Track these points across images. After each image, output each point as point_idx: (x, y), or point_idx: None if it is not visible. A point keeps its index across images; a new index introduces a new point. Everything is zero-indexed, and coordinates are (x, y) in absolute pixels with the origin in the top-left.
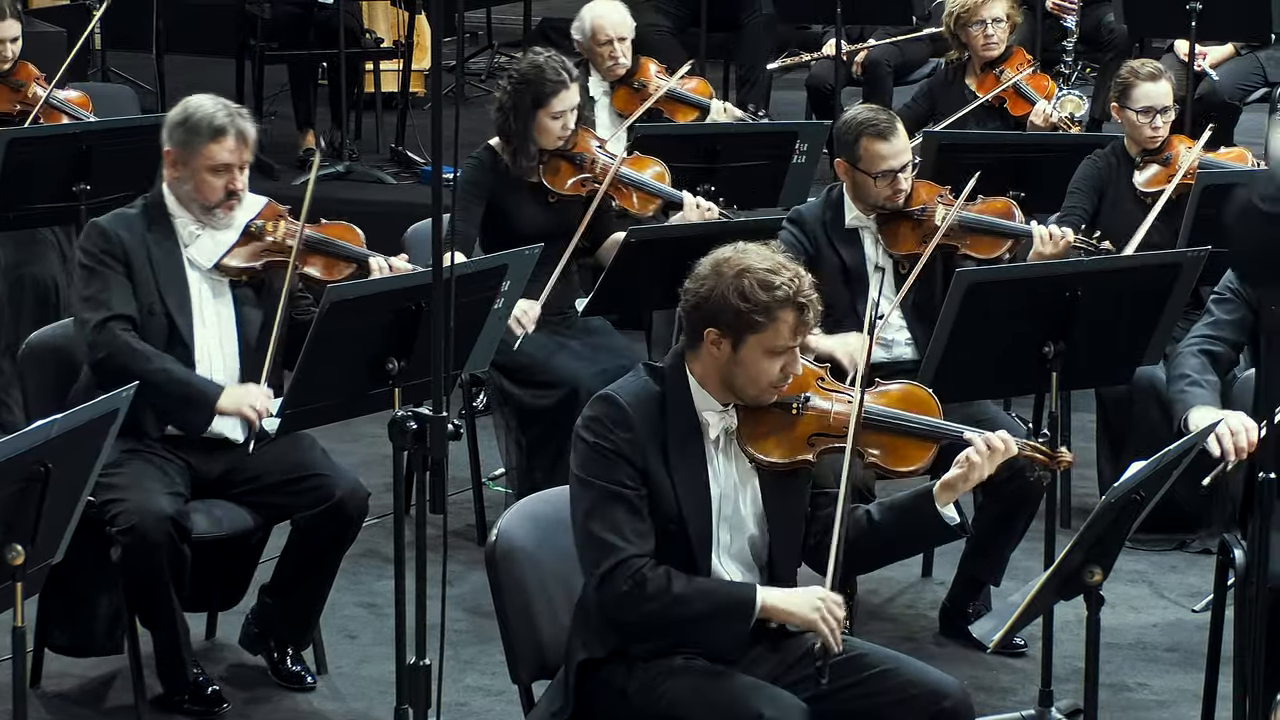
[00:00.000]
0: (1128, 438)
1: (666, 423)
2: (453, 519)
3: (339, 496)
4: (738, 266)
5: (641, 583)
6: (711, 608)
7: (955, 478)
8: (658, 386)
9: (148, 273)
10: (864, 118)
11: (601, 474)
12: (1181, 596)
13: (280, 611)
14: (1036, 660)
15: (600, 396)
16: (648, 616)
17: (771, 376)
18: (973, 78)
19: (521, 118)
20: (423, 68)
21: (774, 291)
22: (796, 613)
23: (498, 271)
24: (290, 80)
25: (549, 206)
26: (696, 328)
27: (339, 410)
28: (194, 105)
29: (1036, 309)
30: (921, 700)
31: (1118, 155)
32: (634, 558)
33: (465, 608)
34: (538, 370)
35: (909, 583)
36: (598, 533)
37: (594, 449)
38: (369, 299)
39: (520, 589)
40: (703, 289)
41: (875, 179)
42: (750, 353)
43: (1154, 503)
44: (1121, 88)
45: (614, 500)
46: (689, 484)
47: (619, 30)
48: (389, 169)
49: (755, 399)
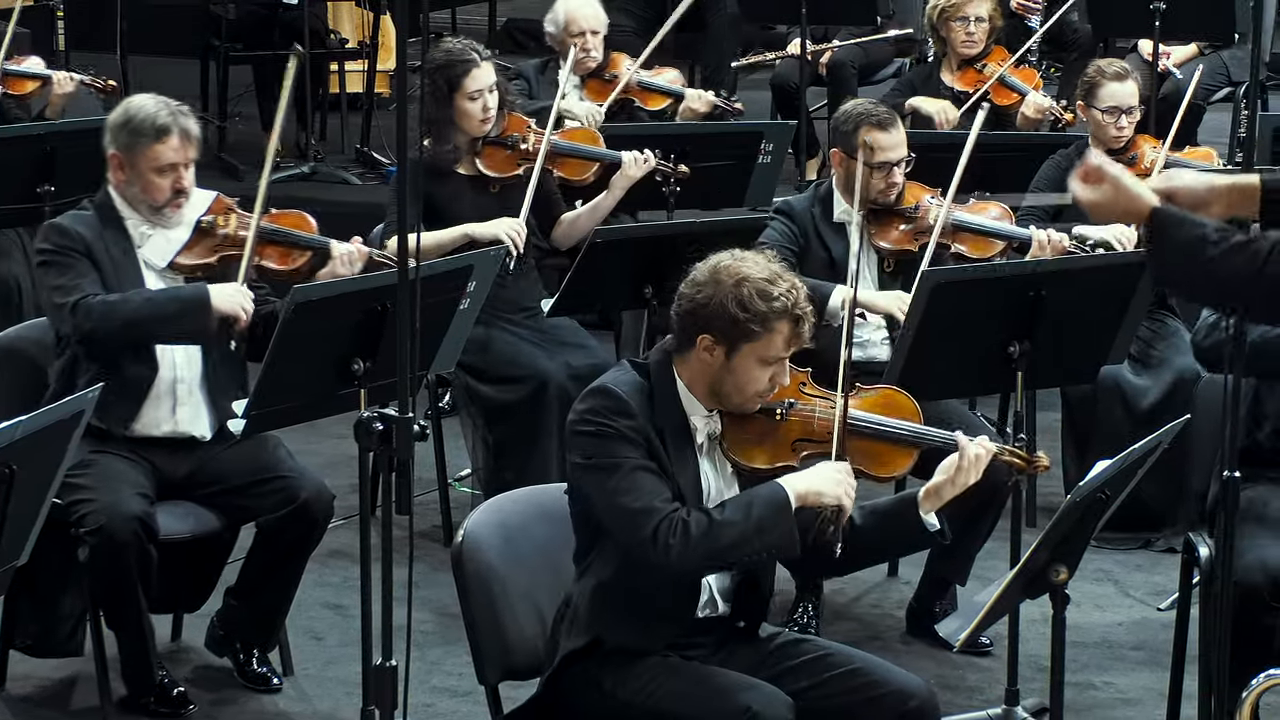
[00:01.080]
0: (1092, 437)
1: (656, 418)
2: (419, 520)
3: (304, 499)
4: (737, 275)
5: (685, 528)
6: (754, 519)
7: (941, 484)
8: (646, 381)
9: (108, 271)
10: (864, 109)
11: (616, 453)
12: (1147, 595)
13: (245, 614)
14: (1002, 659)
15: (593, 389)
16: (703, 557)
17: (759, 386)
18: (949, 73)
19: (440, 105)
20: (388, 68)
21: (772, 302)
22: (825, 492)
23: (463, 272)
24: (255, 81)
25: (491, 195)
26: (690, 333)
27: (305, 411)
28: (135, 106)
29: (1002, 309)
30: (887, 700)
31: (1082, 154)
32: (670, 514)
33: (432, 609)
34: (505, 365)
35: (875, 582)
36: (630, 505)
37: (600, 436)
38: (334, 300)
39: (487, 590)
40: (700, 295)
41: (871, 171)
42: (743, 361)
43: (1119, 501)
44: (1088, 87)
45: (636, 472)
46: (687, 482)
47: (592, 23)
48: (354, 169)
49: (740, 406)
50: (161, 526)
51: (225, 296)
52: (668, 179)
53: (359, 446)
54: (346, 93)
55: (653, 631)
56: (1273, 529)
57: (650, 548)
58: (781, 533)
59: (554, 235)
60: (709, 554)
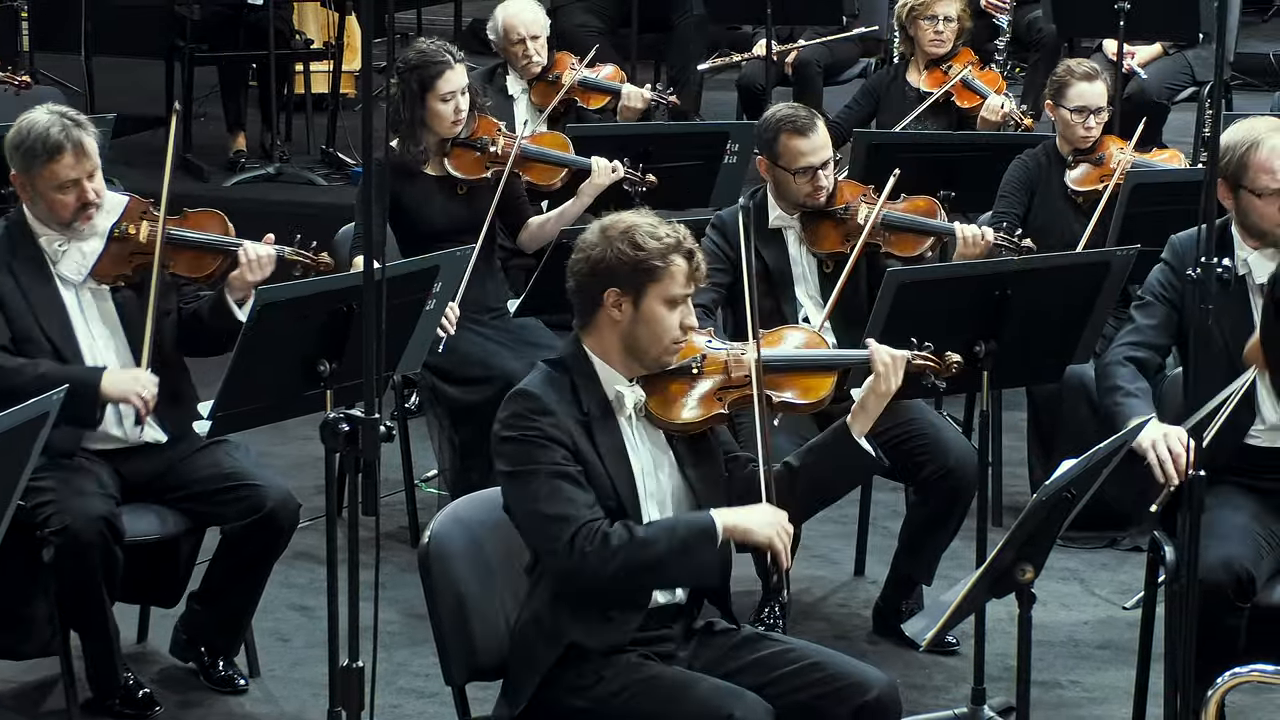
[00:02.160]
0: (1058, 436)
1: (582, 405)
2: (385, 521)
3: (269, 508)
4: (622, 225)
5: (604, 538)
6: (676, 542)
7: (865, 398)
8: (563, 374)
9: (18, 300)
10: (783, 114)
11: (536, 460)
12: (1113, 594)
13: (209, 619)
14: (969, 658)
15: (511, 395)
16: (619, 569)
17: (673, 331)
18: (915, 74)
19: (410, 105)
20: (353, 69)
21: (663, 239)
22: (755, 530)
23: (429, 273)
24: (220, 82)
25: (459, 197)
26: (594, 294)
27: (270, 413)
28: (27, 125)
29: (967, 308)
30: (846, 692)
31: (1048, 155)
32: (590, 521)
33: (398, 610)
34: (471, 366)
35: (842, 581)
36: (549, 511)
37: (521, 441)
38: (299, 301)
39: (453, 591)
40: (594, 253)
41: (795, 175)
42: (651, 306)
43: (1085, 501)
44: (1057, 86)
45: (556, 478)
46: (615, 461)
47: (531, 29)
48: (319, 170)
49: (658, 359)
50: (127, 528)
51: (119, 384)
52: (635, 187)
53: (325, 448)
54: (312, 93)
55: (616, 624)
56: (1237, 528)
57: (566, 555)
58: (703, 561)
59: (520, 239)
60: (626, 568)
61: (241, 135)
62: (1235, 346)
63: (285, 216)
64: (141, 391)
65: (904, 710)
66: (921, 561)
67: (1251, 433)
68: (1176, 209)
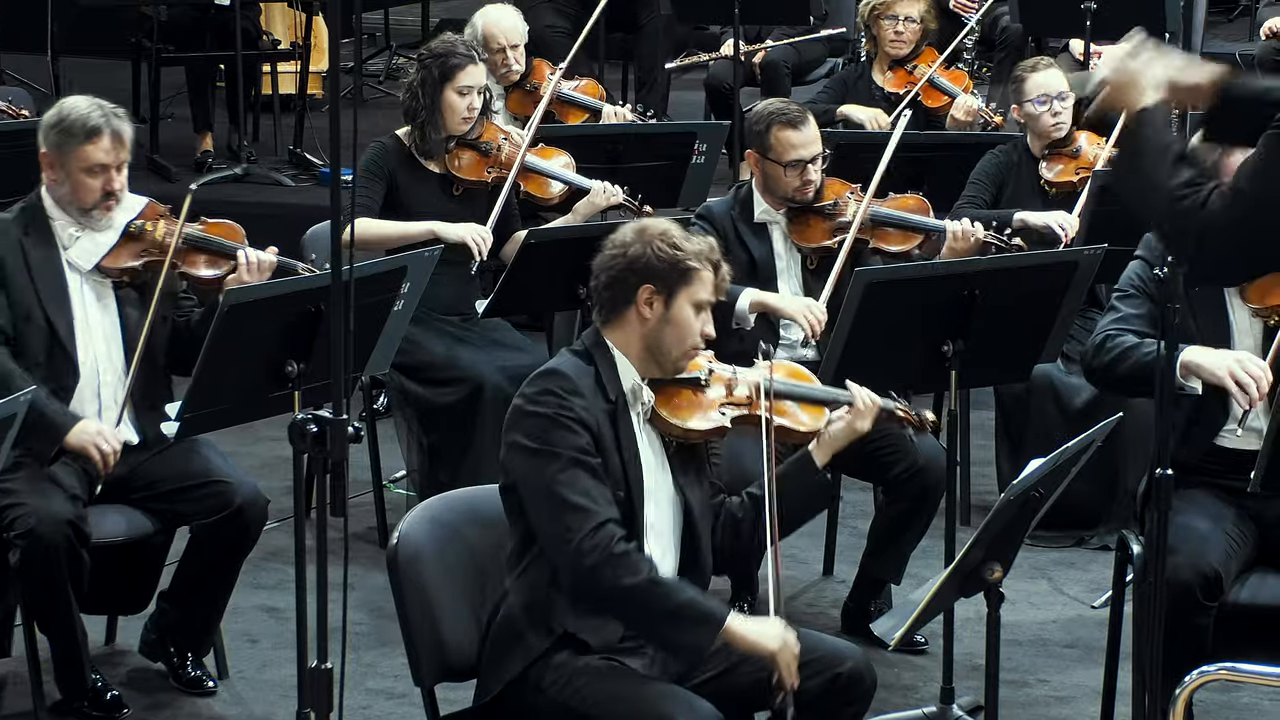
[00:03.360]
0: (1026, 436)
1: (608, 394)
2: (354, 522)
3: (238, 504)
4: (658, 229)
5: (626, 552)
6: (687, 608)
7: (837, 431)
8: (588, 364)
9: (24, 278)
10: (775, 108)
11: (561, 441)
12: (1081, 592)
13: (179, 618)
14: (937, 657)
15: (543, 372)
16: (627, 590)
17: (695, 336)
18: (880, 73)
19: (429, 92)
20: (320, 69)
21: (699, 244)
22: (760, 644)
23: (397, 273)
24: (187, 82)
25: (453, 198)
26: (628, 290)
27: (239, 414)
28: (68, 107)
29: (935, 307)
30: (820, 664)
31: (1020, 152)
32: (612, 522)
33: (367, 611)
34: (440, 367)
35: (810, 581)
36: (571, 498)
37: (549, 419)
38: (267, 301)
39: (422, 591)
40: (631, 250)
41: (785, 169)
42: (680, 308)
43: (1053, 500)
44: (1016, 85)
45: (579, 467)
46: (629, 454)
47: (510, 37)
48: (287, 171)
49: (676, 362)
50: (94, 530)
51: (82, 437)
52: (628, 214)
53: (293, 449)
54: (279, 94)
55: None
56: (1205, 528)
57: (580, 547)
58: (694, 640)
59: (504, 250)
60: (628, 597)
61: (208, 136)
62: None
63: (252, 218)
64: (103, 446)
65: (872, 710)
66: (890, 561)
67: (1222, 434)
68: None
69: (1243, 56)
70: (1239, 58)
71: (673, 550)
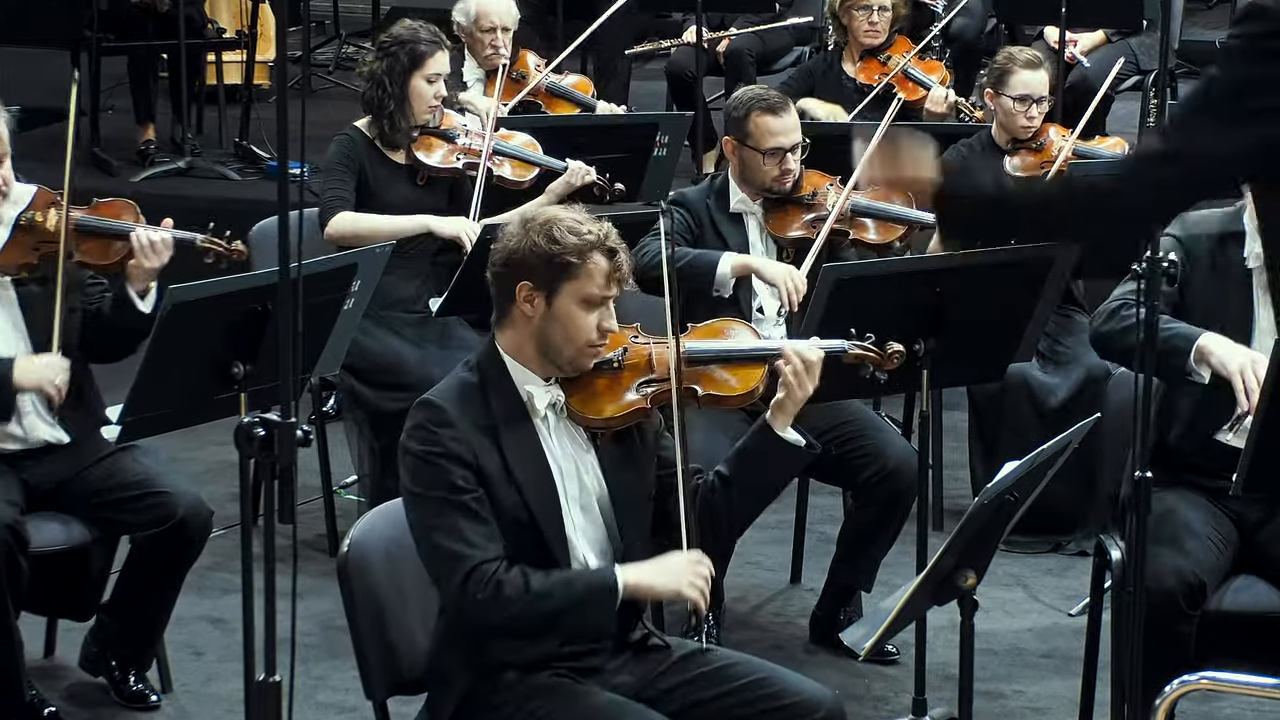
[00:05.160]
0: (1000, 437)
1: (490, 410)
2: (303, 529)
3: (180, 515)
4: (545, 217)
5: (498, 586)
6: (573, 597)
7: (784, 400)
8: (474, 378)
9: None
10: (755, 93)
11: (433, 482)
12: (1057, 600)
13: (120, 631)
14: (909, 668)
15: (417, 404)
16: (511, 619)
17: (588, 333)
18: (851, 64)
19: (397, 81)
20: (267, 59)
21: (584, 235)
22: (659, 586)
23: (348, 270)
24: (129, 73)
25: (418, 188)
26: (508, 287)
27: (183, 417)
28: None
29: (906, 305)
30: (793, 711)
31: (984, 145)
32: (485, 563)
33: (317, 621)
34: (391, 371)
35: (777, 589)
36: (443, 544)
37: (421, 458)
38: (212, 300)
39: (374, 601)
40: (511, 243)
41: (764, 156)
42: (565, 304)
43: (1028, 504)
44: (998, 73)
45: (451, 509)
46: (528, 468)
47: (504, 20)
48: (232, 164)
49: (573, 361)
50: (34, 538)
51: (30, 373)
52: (604, 193)
53: (239, 453)
54: (224, 84)
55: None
56: (1188, 533)
57: (458, 594)
58: (596, 616)
59: None
60: (518, 619)
61: (151, 128)
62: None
63: (197, 212)
64: (55, 379)
65: None
66: (860, 568)
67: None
68: None
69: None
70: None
71: (609, 548)
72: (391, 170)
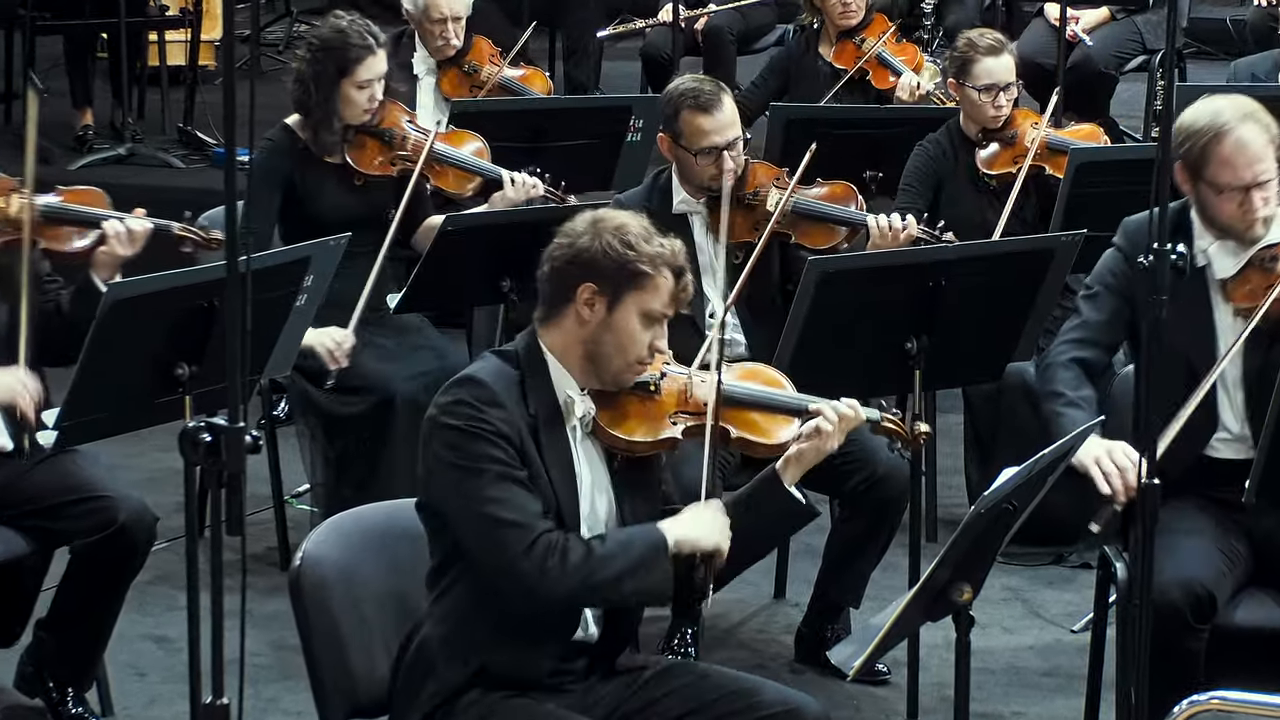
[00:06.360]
0: (998, 442)
1: (529, 406)
2: (252, 541)
3: (122, 521)
4: (616, 222)
5: (565, 553)
6: (634, 559)
7: (804, 449)
8: (514, 370)
9: None
10: (685, 88)
11: (482, 455)
12: (1059, 615)
13: (58, 649)
14: (901, 688)
15: (459, 379)
16: (578, 586)
17: (640, 349)
18: (827, 47)
19: (324, 88)
20: (214, 38)
21: (657, 248)
22: (703, 540)
23: (300, 264)
24: (65, 53)
25: (355, 190)
26: (569, 285)
27: (124, 421)
28: None
29: (897, 301)
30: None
31: (953, 138)
32: (546, 533)
33: (267, 640)
34: (346, 373)
35: (760, 605)
36: (503, 515)
37: (467, 433)
38: (153, 296)
39: (329, 618)
40: (580, 241)
41: (697, 156)
42: (625, 315)
43: (1027, 513)
44: (960, 63)
45: (506, 481)
46: (560, 472)
47: (454, 8)
48: (176, 151)
49: (617, 377)
50: None
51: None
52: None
53: (184, 460)
54: (167, 66)
55: (536, 655)
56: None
57: (525, 566)
58: (658, 577)
59: (416, 239)
60: (584, 585)
61: (89, 112)
62: (1192, 344)
63: (139, 202)
64: (25, 393)
65: None
66: (848, 582)
67: (1212, 443)
68: (1126, 190)
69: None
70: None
71: None
72: (324, 174)
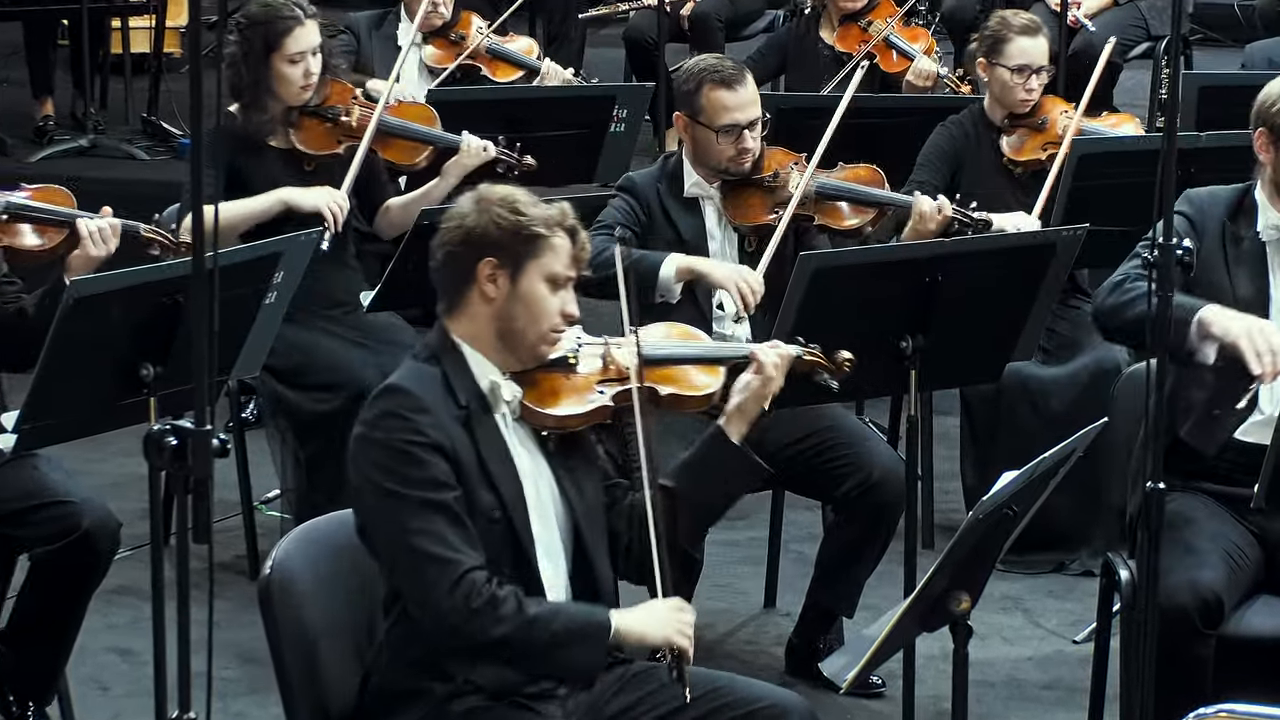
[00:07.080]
0: (997, 444)
1: (459, 399)
2: (220, 549)
3: (84, 528)
4: (500, 192)
5: (494, 600)
6: (566, 631)
7: (744, 401)
8: (433, 367)
9: None
10: (707, 64)
11: (411, 478)
12: (1060, 625)
13: (18, 662)
14: (897, 701)
15: (383, 391)
16: (503, 637)
17: (553, 315)
18: (829, 30)
19: (254, 67)
20: (179, 25)
21: (545, 211)
22: (650, 635)
23: (270, 260)
24: (25, 41)
25: (305, 175)
26: (466, 267)
27: (85, 424)
28: None
29: (892, 298)
30: (760, 716)
31: (977, 122)
32: (475, 570)
33: (236, 652)
34: (317, 370)
35: (750, 614)
36: (427, 548)
37: (393, 450)
38: (116, 294)
39: (300, 629)
40: (467, 221)
41: (718, 135)
42: (530, 282)
43: (1028, 518)
44: (992, 41)
45: (433, 510)
46: (498, 464)
47: None
48: (140, 142)
49: (535, 347)
50: None
51: None
52: (510, 170)
53: (149, 465)
54: (131, 53)
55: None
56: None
57: (445, 603)
58: (586, 658)
59: (378, 223)
60: (505, 639)
61: (49, 102)
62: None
63: (101, 196)
64: None
65: None
66: (842, 590)
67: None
68: (1131, 183)
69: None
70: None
71: (565, 563)
72: (267, 160)
